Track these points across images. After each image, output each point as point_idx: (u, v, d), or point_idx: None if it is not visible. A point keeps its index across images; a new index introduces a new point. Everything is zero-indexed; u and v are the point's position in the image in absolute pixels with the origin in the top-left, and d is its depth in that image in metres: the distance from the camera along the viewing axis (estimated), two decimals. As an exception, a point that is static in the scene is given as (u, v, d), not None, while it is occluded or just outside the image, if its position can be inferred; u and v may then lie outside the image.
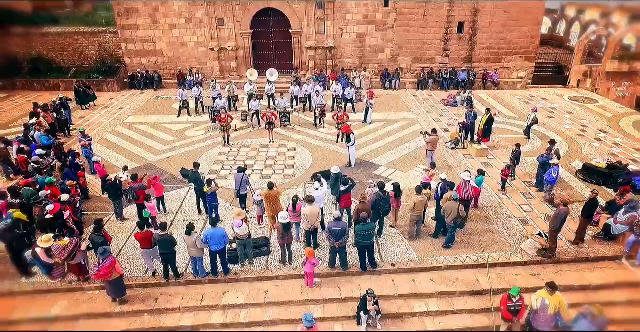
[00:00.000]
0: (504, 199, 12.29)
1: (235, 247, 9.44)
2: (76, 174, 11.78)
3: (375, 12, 22.44)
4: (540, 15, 22.82)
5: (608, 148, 15.72)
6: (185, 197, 12.38)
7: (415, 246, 10.21)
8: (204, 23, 22.77)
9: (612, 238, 10.29)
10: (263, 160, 14.78)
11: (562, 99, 21.83)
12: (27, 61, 23.76)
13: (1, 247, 9.78)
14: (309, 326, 6.99)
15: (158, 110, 20.27)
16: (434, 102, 21.37)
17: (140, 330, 8.25)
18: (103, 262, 8.00)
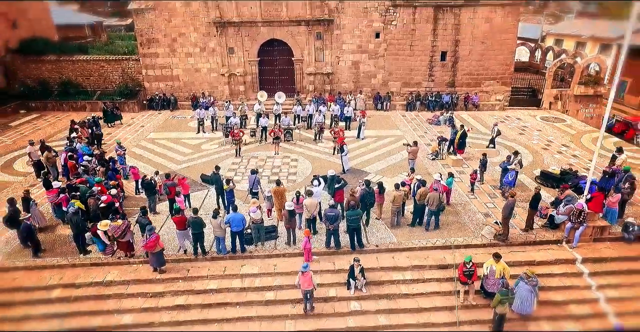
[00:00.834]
0: (472, 198, 14.70)
1: (250, 232, 11.78)
2: (115, 176, 14.24)
3: (368, 43, 25.44)
4: (513, 46, 25.82)
5: (567, 159, 18.22)
6: (205, 197, 14.78)
7: (396, 232, 12.56)
8: (216, 52, 25.73)
9: (555, 226, 12.65)
10: (270, 169, 17.26)
11: (534, 119, 24.53)
12: (57, 85, 26.62)
13: (64, 232, 12.21)
14: (304, 271, 9.38)
15: (175, 128, 22.91)
16: (420, 121, 24.05)
17: (174, 292, 10.50)
18: (149, 237, 10.35)
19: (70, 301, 10.26)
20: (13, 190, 15.30)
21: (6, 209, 11.81)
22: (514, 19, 24.79)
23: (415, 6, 24.55)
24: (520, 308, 10.11)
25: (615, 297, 10.83)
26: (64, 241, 12.11)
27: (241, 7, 24.63)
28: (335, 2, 24.57)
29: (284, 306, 10.41)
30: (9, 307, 10.06)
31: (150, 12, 24.99)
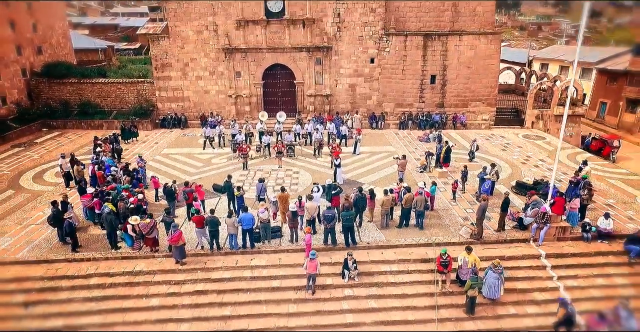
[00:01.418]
0: (454, 205, 16.59)
1: (258, 230, 13.63)
2: (138, 185, 16.17)
3: (364, 67, 27.82)
4: (496, 70, 28.20)
5: (542, 172, 20.18)
6: (217, 203, 16.65)
7: (385, 232, 14.40)
8: (224, 75, 28.07)
9: (524, 227, 14.50)
10: (274, 180, 19.20)
11: (517, 137, 26.63)
12: (77, 105, 28.86)
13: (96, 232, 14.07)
14: (312, 258, 11.20)
15: (187, 144, 24.97)
16: (412, 138, 26.14)
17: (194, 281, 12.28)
18: (174, 233, 12.21)
19: (105, 287, 12.03)
20: (46, 198, 17.19)
21: (50, 210, 13.68)
22: (496, 46, 27.23)
23: (406, 34, 27.03)
24: (489, 293, 11.87)
25: (572, 286, 12.61)
26: (96, 239, 13.94)
27: (248, 35, 27.11)
28: (333, 30, 27.08)
29: (287, 292, 12.17)
30: (56, 291, 11.82)
31: (165, 39, 27.47)
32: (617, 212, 16.05)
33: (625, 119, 33.12)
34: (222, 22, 26.97)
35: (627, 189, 18.43)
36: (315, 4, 26.54)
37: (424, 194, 14.50)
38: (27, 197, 17.29)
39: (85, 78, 29.13)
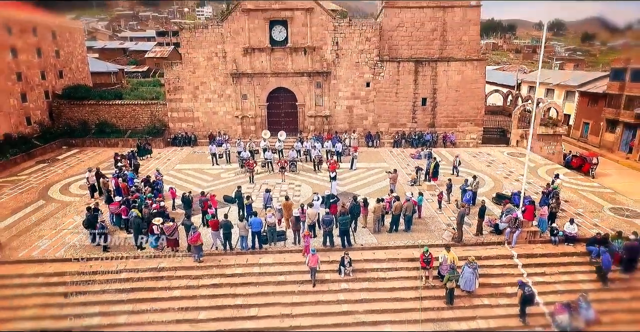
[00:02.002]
0: (440, 213, 18.55)
1: (265, 233, 15.56)
2: (158, 195, 18.19)
3: (360, 91, 30.23)
4: (482, 93, 30.62)
5: (521, 185, 22.16)
6: (228, 212, 18.55)
7: (376, 236, 16.33)
8: (231, 97, 30.45)
9: (500, 232, 16.42)
10: (278, 192, 21.19)
11: (502, 154, 28.77)
12: (95, 125, 31.13)
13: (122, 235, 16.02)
14: (313, 253, 13.13)
15: (197, 161, 27.08)
16: (405, 156, 28.27)
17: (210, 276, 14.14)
18: (194, 234, 14.16)
19: (134, 281, 13.90)
20: (73, 207, 19.18)
21: (79, 217, 15.70)
22: (481, 71, 29.70)
23: (399, 61, 29.55)
24: (465, 286, 13.73)
25: (540, 281, 14.45)
26: (122, 241, 15.85)
27: (254, 61, 29.63)
28: (332, 57, 29.61)
29: (291, 285, 14.02)
30: (91, 284, 13.67)
31: (177, 65, 29.98)
32: (585, 219, 18.01)
33: (606, 138, 35.32)
34: (230, 49, 29.52)
35: (597, 200, 20.43)
36: (316, 34, 29.15)
37: (411, 202, 16.50)
38: (57, 207, 19.27)
39: (103, 100, 31.50)
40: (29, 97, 29.32)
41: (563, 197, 20.13)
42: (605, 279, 14.25)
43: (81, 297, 13.36)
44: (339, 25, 29.19)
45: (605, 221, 17.86)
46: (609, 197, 20.83)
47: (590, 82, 38.62)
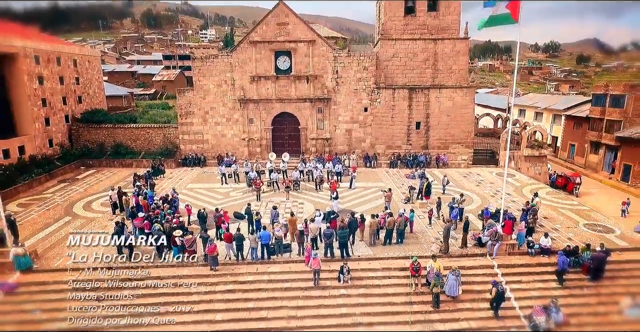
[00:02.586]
0: (430, 229, 20.50)
1: (273, 246, 17.49)
2: (175, 212, 20.19)
3: (358, 115, 32.56)
4: (472, 118, 32.97)
5: (507, 203, 24.14)
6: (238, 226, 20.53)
7: (372, 248, 18.25)
8: (239, 121, 32.77)
9: (482, 245, 18.34)
10: (283, 209, 23.17)
11: (491, 174, 30.85)
12: (111, 146, 33.35)
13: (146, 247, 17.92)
14: (315, 257, 15.03)
15: (207, 180, 29.17)
16: (400, 176, 30.35)
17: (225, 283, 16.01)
18: (210, 245, 16.11)
19: (158, 287, 15.75)
20: (98, 222, 21.15)
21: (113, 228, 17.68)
22: (470, 97, 32.11)
23: (394, 88, 31.98)
24: (450, 292, 15.58)
25: (517, 288, 16.31)
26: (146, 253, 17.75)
27: (260, 88, 32.08)
28: (332, 84, 32.06)
29: (296, 291, 15.88)
30: (121, 290, 15.54)
31: (189, 91, 32.42)
32: (560, 234, 19.95)
33: (590, 159, 37.42)
34: (238, 77, 32.01)
35: (573, 216, 22.39)
36: (317, 63, 31.68)
37: (404, 217, 18.50)
38: (83, 222, 21.24)
39: (119, 123, 33.83)
40: (51, 121, 31.65)
41: (543, 214, 22.18)
42: (561, 279, 16.20)
43: (112, 301, 15.20)
44: (338, 55, 31.77)
45: (579, 236, 19.79)
46: (584, 214, 22.79)
47: (576, 106, 41.01)
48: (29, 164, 27.84)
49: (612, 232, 20.24)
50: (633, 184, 32.17)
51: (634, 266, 17.51)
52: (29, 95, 29.07)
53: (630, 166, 32.73)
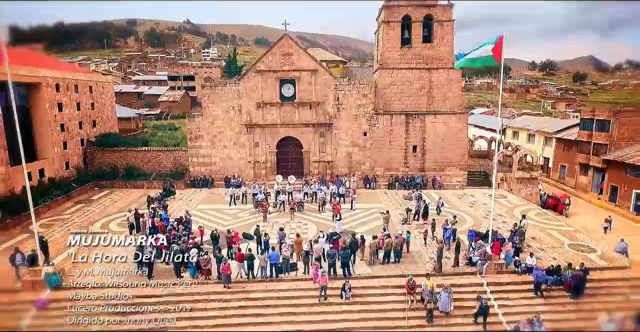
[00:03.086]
0: (425, 248, 22.09)
1: (281, 265, 19.07)
2: (189, 233, 21.82)
3: (358, 139, 34.45)
4: (465, 142, 34.84)
5: (498, 224, 25.79)
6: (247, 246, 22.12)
7: (372, 267, 19.81)
8: (245, 145, 34.63)
9: (473, 264, 19.91)
10: (288, 230, 24.76)
11: (484, 196, 32.54)
12: (123, 168, 35.11)
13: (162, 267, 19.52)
14: (323, 274, 16.61)
15: (215, 201, 30.83)
16: (398, 197, 32.04)
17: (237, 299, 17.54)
18: (224, 265, 17.70)
19: (176, 303, 17.30)
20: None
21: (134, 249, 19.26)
22: (463, 122, 34.07)
23: (392, 114, 33.97)
24: (442, 307, 17.11)
25: (504, 304, 17.84)
26: (164, 271, 19.33)
27: (266, 114, 34.06)
28: (334, 110, 34.06)
29: (302, 307, 17.41)
30: (143, 305, 17.07)
31: (199, 117, 34.38)
32: (546, 254, 21.54)
33: (580, 180, 39.20)
34: (245, 103, 34.03)
35: (559, 237, 23.99)
36: (320, 91, 33.73)
37: (401, 238, 20.14)
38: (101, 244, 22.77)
39: (131, 147, 35.68)
40: (69, 145, 33.51)
41: (531, 235, 23.80)
42: (538, 291, 17.80)
43: (135, 315, 16.72)
44: (339, 83, 33.85)
45: (563, 255, 21.36)
46: (570, 235, 24.39)
47: (565, 129, 42.98)
48: (48, 186, 29.54)
49: (594, 252, 21.81)
50: (620, 204, 33.87)
51: (612, 284, 19.07)
52: (50, 122, 30.99)
53: (617, 187, 34.49)
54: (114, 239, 18.74)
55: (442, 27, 33.63)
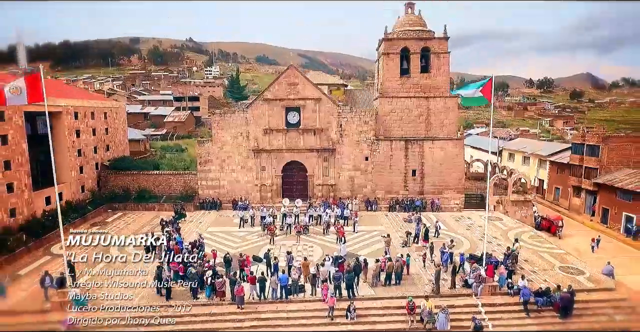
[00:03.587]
0: (424, 271, 23.54)
1: (290, 287, 20.51)
2: (203, 256, 23.31)
3: (360, 164, 36.19)
4: (462, 166, 36.55)
5: (492, 247, 27.26)
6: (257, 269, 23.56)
7: (374, 289, 21.24)
8: (252, 169, 36.34)
9: (469, 286, 21.35)
10: (295, 252, 26.23)
11: (480, 218, 34.05)
12: (135, 191, 36.72)
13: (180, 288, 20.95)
14: (332, 296, 18.04)
15: (224, 224, 32.35)
16: (399, 219, 33.57)
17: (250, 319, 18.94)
18: (238, 287, 19.17)
19: (194, 323, 18.70)
20: (133, 265, 24.14)
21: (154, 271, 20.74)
22: (460, 148, 35.87)
23: (392, 140, 35.78)
24: (440, 327, 18.50)
25: (498, 324, 19.22)
26: (181, 292, 20.76)
27: (272, 140, 35.88)
28: (337, 136, 35.90)
29: (310, 327, 18.78)
30: (163, 325, 18.47)
31: (208, 142, 36.19)
32: (538, 276, 22.97)
33: (573, 202, 40.76)
34: (253, 130, 35.88)
35: (550, 260, 25.45)
36: (323, 118, 35.63)
37: (401, 261, 21.63)
38: (121, 264, 24.23)
39: (143, 170, 37.39)
40: (84, 169, 35.21)
41: (523, 257, 25.26)
42: (526, 308, 19.28)
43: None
44: (342, 111, 35.78)
45: (554, 278, 22.79)
46: (560, 258, 25.85)
47: (559, 152, 44.75)
48: (66, 209, 31.08)
49: (582, 274, 23.25)
50: (611, 226, 35.37)
51: (598, 305, 20.48)
52: (68, 148, 32.74)
53: (608, 210, 36.04)
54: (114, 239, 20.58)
55: (439, 58, 35.74)
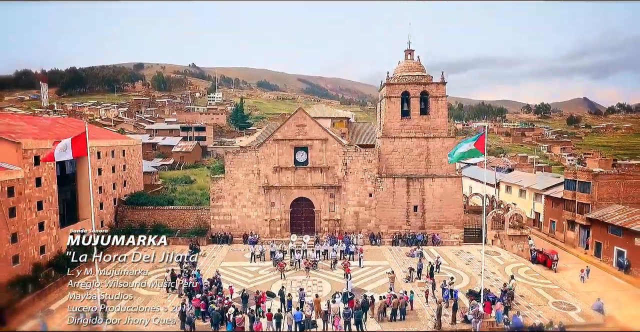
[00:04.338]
0: (426, 306, 25.26)
1: (303, 322, 22.23)
2: (221, 292, 25.08)
3: (364, 200, 38.28)
4: (460, 202, 38.60)
5: (490, 282, 29.02)
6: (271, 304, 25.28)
7: (380, 324, 22.95)
8: (262, 204, 38.40)
9: (469, 321, 23.05)
10: (305, 287, 28.00)
11: (479, 253, 35.86)
12: (150, 226, 38.64)
13: (201, 323, 22.67)
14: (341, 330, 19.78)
15: (236, 258, 34.14)
16: (402, 254, 35.38)
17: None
18: (257, 323, 20.92)
19: (216, 357, 20.37)
20: (155, 300, 25.87)
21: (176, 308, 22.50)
22: (458, 185, 38.04)
23: (394, 177, 38.02)
24: (442, 361, 20.19)
25: (495, 358, 20.90)
26: (203, 327, 22.45)
27: (281, 177, 38.12)
28: (342, 174, 38.15)
29: (323, 361, 20.47)
30: (189, 359, 20.15)
31: (221, 179, 38.41)
32: (532, 311, 24.70)
33: (568, 236, 42.60)
34: (263, 168, 38.16)
35: (544, 295, 27.19)
36: (330, 157, 38.00)
37: (405, 297, 23.45)
38: (144, 300, 26.01)
39: (158, 205, 39.44)
40: (104, 205, 37.27)
41: (519, 292, 27.00)
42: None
43: (182, 368, 19.75)
44: (347, 151, 38.18)
45: (547, 313, 24.50)
46: (554, 293, 27.59)
47: (553, 186, 46.86)
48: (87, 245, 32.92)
49: (574, 310, 24.98)
50: (604, 259, 37.12)
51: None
52: (91, 185, 34.88)
53: (600, 243, 37.88)
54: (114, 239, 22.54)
55: (437, 101, 38.44)
